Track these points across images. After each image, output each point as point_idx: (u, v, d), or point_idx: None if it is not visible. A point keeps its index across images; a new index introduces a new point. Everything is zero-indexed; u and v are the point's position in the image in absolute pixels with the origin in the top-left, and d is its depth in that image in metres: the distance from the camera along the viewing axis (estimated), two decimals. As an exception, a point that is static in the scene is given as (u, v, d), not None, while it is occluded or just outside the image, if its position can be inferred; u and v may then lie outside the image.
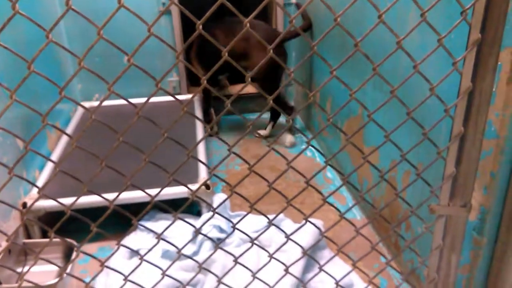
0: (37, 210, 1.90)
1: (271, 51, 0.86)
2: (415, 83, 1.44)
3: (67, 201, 0.98)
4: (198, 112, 2.99)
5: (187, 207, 1.05)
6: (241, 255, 1.13)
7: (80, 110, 2.94)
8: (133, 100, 0.88)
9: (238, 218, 1.11)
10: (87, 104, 3.01)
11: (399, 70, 1.61)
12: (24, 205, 1.90)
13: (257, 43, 2.71)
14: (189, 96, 3.20)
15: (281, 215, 2.09)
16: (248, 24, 0.83)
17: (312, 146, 0.93)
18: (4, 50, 0.78)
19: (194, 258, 1.77)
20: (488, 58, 0.93)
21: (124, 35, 2.78)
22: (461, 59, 0.93)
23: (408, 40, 1.49)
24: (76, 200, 0.95)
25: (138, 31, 0.76)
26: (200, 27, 0.82)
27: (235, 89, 3.50)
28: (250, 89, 3.27)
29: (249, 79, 0.88)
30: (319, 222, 1.91)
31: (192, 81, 3.40)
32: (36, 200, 0.98)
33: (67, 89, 0.80)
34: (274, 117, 3.01)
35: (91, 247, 2.00)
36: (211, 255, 1.14)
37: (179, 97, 3.19)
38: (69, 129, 2.66)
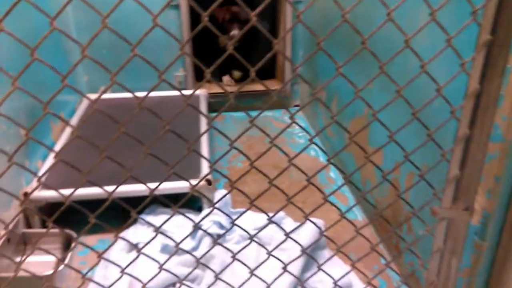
0: (38, 200, 1.90)
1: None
2: (424, 84, 1.43)
3: (69, 192, 0.97)
4: (203, 108, 2.99)
5: (189, 203, 1.05)
6: (239, 251, 1.13)
7: (85, 102, 2.93)
8: (141, 94, 0.88)
9: (235, 215, 1.10)
10: (92, 96, 3.01)
11: (408, 70, 1.60)
12: (25, 194, 1.90)
13: None
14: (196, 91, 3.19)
15: (282, 214, 2.08)
16: (254, 18, 0.82)
17: (315, 144, 0.92)
18: (10, 39, 0.77)
19: (193, 253, 1.77)
20: (497, 60, 0.91)
21: (133, 28, 2.78)
22: (469, 60, 0.92)
23: (418, 41, 1.48)
24: (74, 191, 0.94)
25: (147, 24, 0.76)
26: (206, 18, 0.81)
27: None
28: (256, 86, 3.27)
29: (254, 73, 0.87)
30: (320, 222, 1.90)
31: (199, 76, 3.40)
32: (36, 188, 0.97)
33: (73, 80, 0.80)
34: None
35: (91, 239, 2.00)
36: (209, 250, 1.14)
37: (185, 92, 3.20)
38: (73, 121, 2.66)
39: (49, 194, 1.90)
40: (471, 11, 0.87)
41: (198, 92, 3.17)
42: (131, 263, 1.08)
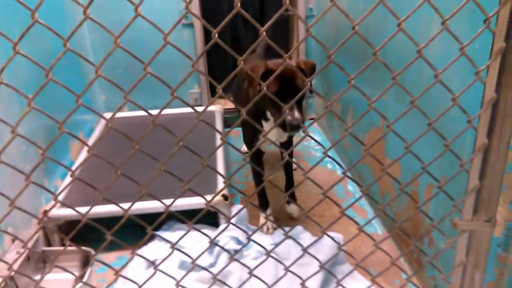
0: (57, 219, 1.92)
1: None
2: (439, 94, 1.41)
3: (86, 210, 0.97)
4: (218, 124, 3.00)
5: (207, 219, 1.04)
6: (256, 267, 1.11)
7: (103, 121, 2.98)
8: (155, 111, 0.88)
9: (252, 230, 1.09)
10: (108, 115, 3.05)
11: (422, 81, 1.58)
12: (44, 213, 1.93)
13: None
14: (210, 108, 3.21)
15: (300, 228, 2.06)
16: (264, 33, 0.83)
17: (329, 157, 0.91)
18: (27, 61, 0.79)
19: (210, 269, 1.76)
20: (513, 68, 0.90)
21: (148, 47, 2.83)
22: (484, 68, 0.90)
23: (431, 50, 1.47)
24: (90, 209, 0.95)
25: (161, 43, 0.77)
26: (216, 35, 0.81)
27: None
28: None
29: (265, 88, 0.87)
30: (338, 236, 1.87)
31: (214, 93, 3.42)
32: (53, 206, 0.98)
33: (90, 100, 0.82)
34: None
35: (109, 256, 2.01)
36: (225, 266, 1.12)
37: (201, 108, 3.22)
38: (91, 140, 2.70)
39: (68, 212, 1.92)
40: (484, 19, 0.85)
41: (213, 108, 3.19)
42: (147, 280, 1.08)
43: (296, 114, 1.60)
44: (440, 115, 0.94)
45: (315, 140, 0.95)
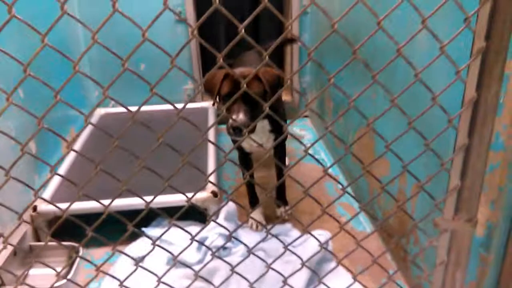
0: (46, 214, 1.91)
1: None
2: (425, 94, 1.41)
3: (77, 206, 0.98)
4: (211, 120, 3.00)
5: (198, 216, 1.04)
6: (238, 264, 1.12)
7: (95, 117, 2.98)
8: (148, 108, 0.88)
9: (243, 227, 1.10)
10: (103, 111, 3.05)
11: (410, 80, 1.58)
12: (35, 208, 1.92)
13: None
14: (203, 104, 3.21)
15: (289, 226, 2.06)
16: (243, 30, 0.83)
17: (310, 155, 0.91)
18: (21, 59, 0.79)
19: (198, 266, 1.76)
20: (494, 67, 0.90)
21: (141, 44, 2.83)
22: (464, 67, 0.91)
23: (417, 49, 1.47)
24: (71, 204, 0.95)
25: (154, 38, 0.77)
26: (196, 31, 0.81)
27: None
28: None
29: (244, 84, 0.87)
30: (326, 234, 1.87)
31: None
32: (33, 201, 0.98)
33: (84, 96, 0.82)
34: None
35: (99, 252, 2.01)
36: (207, 263, 1.13)
37: (194, 104, 3.22)
38: (83, 135, 2.69)
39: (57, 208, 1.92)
40: (464, 18, 0.86)
41: (206, 104, 3.19)
42: (129, 276, 1.08)
43: (240, 116, 1.64)
44: (420, 114, 0.94)
45: (297, 139, 0.95)
